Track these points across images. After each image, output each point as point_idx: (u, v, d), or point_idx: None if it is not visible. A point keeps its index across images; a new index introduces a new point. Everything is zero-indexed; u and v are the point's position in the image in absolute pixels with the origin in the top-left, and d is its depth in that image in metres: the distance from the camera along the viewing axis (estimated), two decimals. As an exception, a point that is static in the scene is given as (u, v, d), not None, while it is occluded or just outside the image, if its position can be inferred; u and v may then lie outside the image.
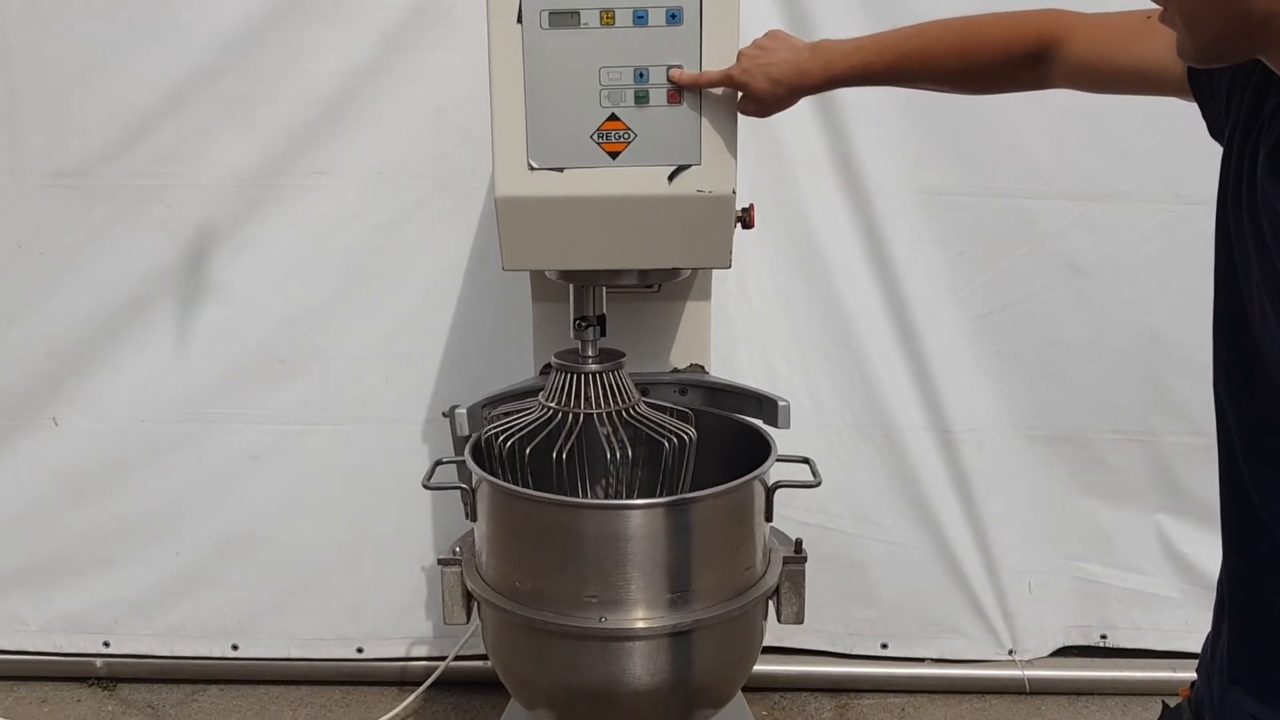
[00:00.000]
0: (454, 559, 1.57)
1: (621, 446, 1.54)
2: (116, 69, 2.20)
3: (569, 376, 1.57)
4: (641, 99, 1.41)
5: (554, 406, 1.56)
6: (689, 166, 1.43)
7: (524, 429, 1.55)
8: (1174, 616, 2.44)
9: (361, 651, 2.49)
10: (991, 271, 2.29)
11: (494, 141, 1.43)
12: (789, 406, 1.65)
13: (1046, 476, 2.41)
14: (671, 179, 1.44)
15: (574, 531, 1.44)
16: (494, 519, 1.51)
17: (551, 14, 1.39)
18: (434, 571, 2.43)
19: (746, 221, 1.56)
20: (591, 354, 1.60)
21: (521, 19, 1.39)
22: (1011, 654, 2.47)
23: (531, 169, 1.43)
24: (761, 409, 1.70)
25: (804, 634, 2.47)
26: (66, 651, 2.51)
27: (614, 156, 1.43)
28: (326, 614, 2.47)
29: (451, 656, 2.42)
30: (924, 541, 2.41)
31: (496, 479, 1.49)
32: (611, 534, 1.42)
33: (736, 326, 2.31)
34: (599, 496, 1.76)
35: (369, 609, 2.47)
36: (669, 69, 1.41)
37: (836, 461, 2.35)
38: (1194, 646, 1.07)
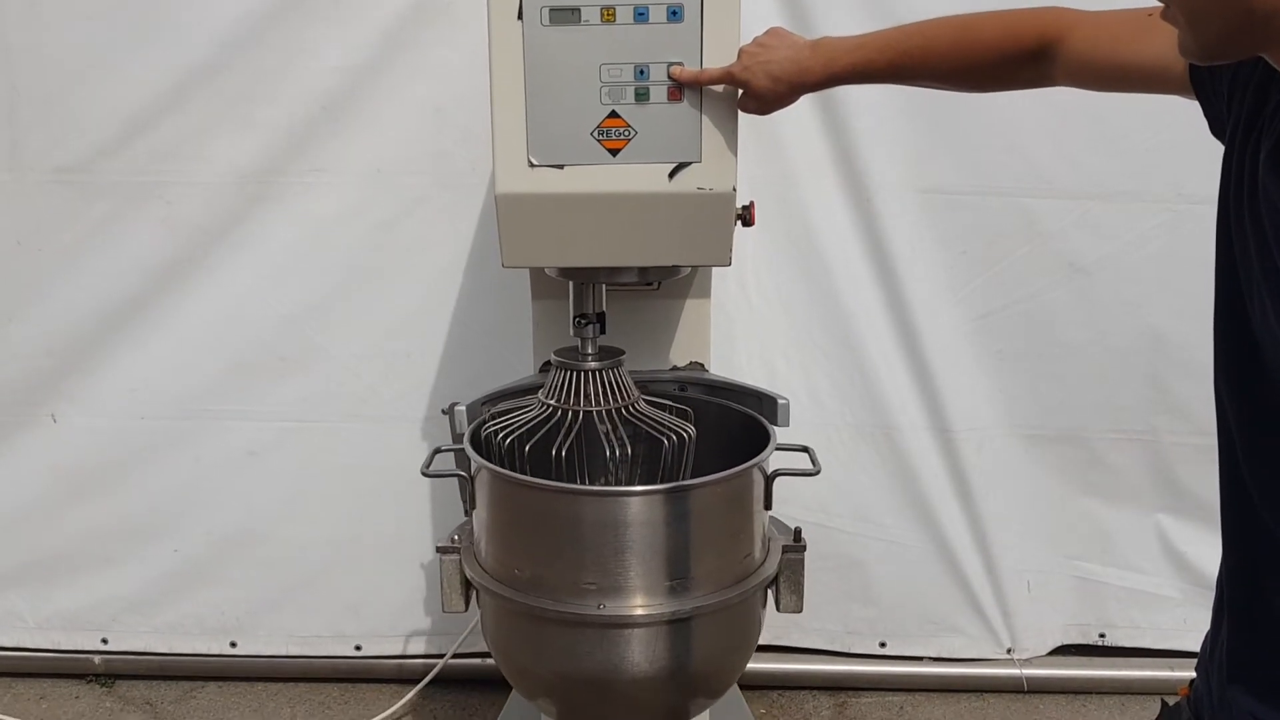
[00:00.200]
0: (453, 547, 1.56)
1: (621, 444, 1.54)
2: (117, 66, 2.20)
3: (568, 374, 1.57)
4: (642, 96, 1.41)
5: (553, 404, 1.56)
6: (689, 164, 1.43)
7: (523, 426, 1.55)
8: (1173, 615, 2.44)
9: (360, 649, 2.49)
10: (992, 271, 2.29)
11: (494, 138, 1.43)
12: (789, 404, 1.65)
13: (1046, 476, 2.41)
14: (672, 176, 1.43)
15: (572, 518, 1.43)
16: (493, 506, 1.50)
17: (552, 11, 1.39)
18: (433, 569, 2.43)
19: (747, 219, 1.56)
20: (591, 351, 1.60)
21: (522, 16, 1.39)
22: (1010, 653, 2.47)
23: (532, 166, 1.43)
24: (761, 407, 1.70)
25: (803, 633, 2.47)
26: (65, 648, 2.51)
27: (614, 153, 1.43)
28: (325, 611, 2.48)
29: (450, 654, 2.42)
30: (923, 540, 2.41)
31: (495, 465, 1.48)
32: (610, 521, 1.41)
33: (736, 325, 2.31)
34: (598, 494, 1.75)
35: (368, 607, 2.47)
36: (669, 66, 1.40)
37: (836, 460, 2.35)
38: (1193, 645, 1.07)
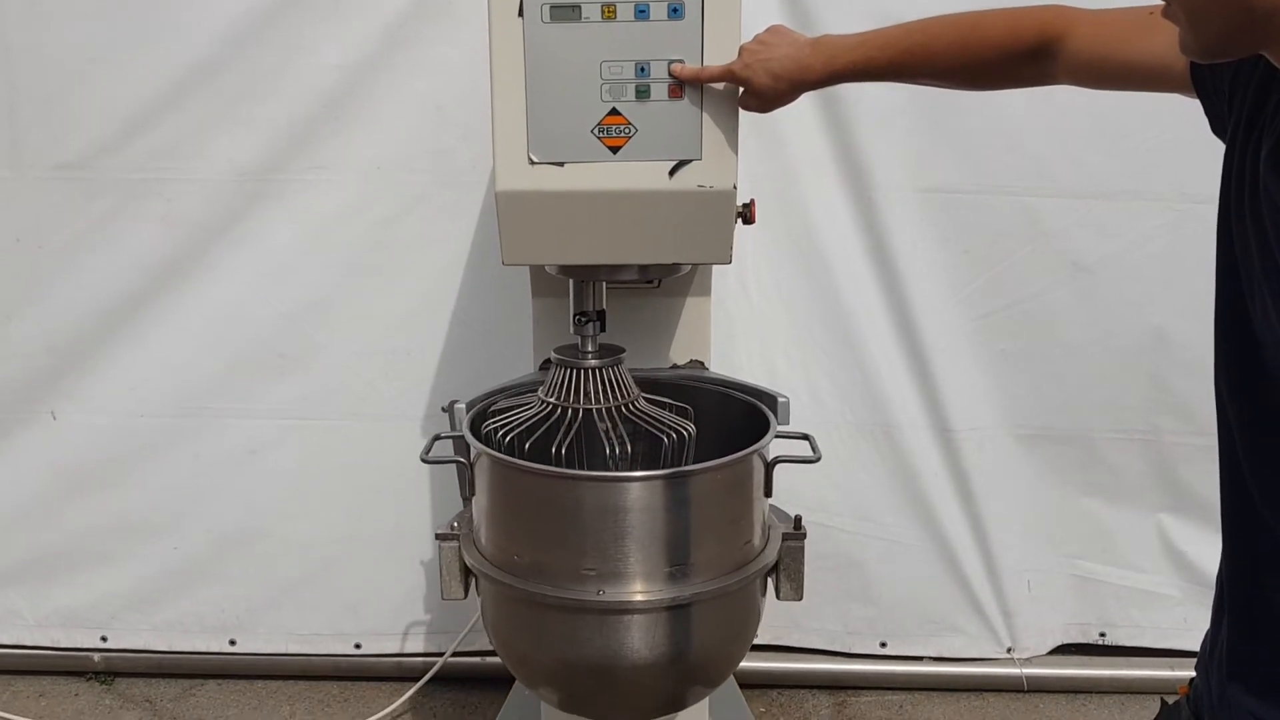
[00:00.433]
0: (452, 534, 1.56)
1: (621, 442, 1.54)
2: (117, 64, 2.20)
3: (568, 372, 1.57)
4: (643, 93, 1.41)
5: (553, 402, 1.56)
6: (690, 161, 1.43)
7: (523, 424, 1.55)
8: (1173, 614, 2.44)
9: (359, 647, 2.49)
10: (994, 270, 2.29)
11: (494, 136, 1.43)
12: (789, 402, 1.64)
13: (1047, 475, 2.41)
14: (672, 174, 1.43)
15: (572, 504, 1.43)
16: (492, 493, 1.50)
17: (553, 8, 1.39)
18: (432, 567, 2.43)
19: (747, 217, 1.55)
20: (591, 349, 1.60)
21: (523, 13, 1.38)
22: (1010, 652, 2.47)
23: (532, 163, 1.42)
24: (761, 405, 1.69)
25: (803, 632, 2.47)
26: (64, 646, 2.51)
27: (615, 151, 1.42)
28: (325, 609, 2.48)
29: (449, 652, 2.42)
30: (923, 540, 2.41)
31: (495, 451, 1.48)
32: (610, 506, 1.41)
33: (736, 323, 2.31)
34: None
35: (367, 605, 2.47)
36: (670, 63, 1.40)
37: (836, 459, 2.35)
38: (1193, 644, 1.07)
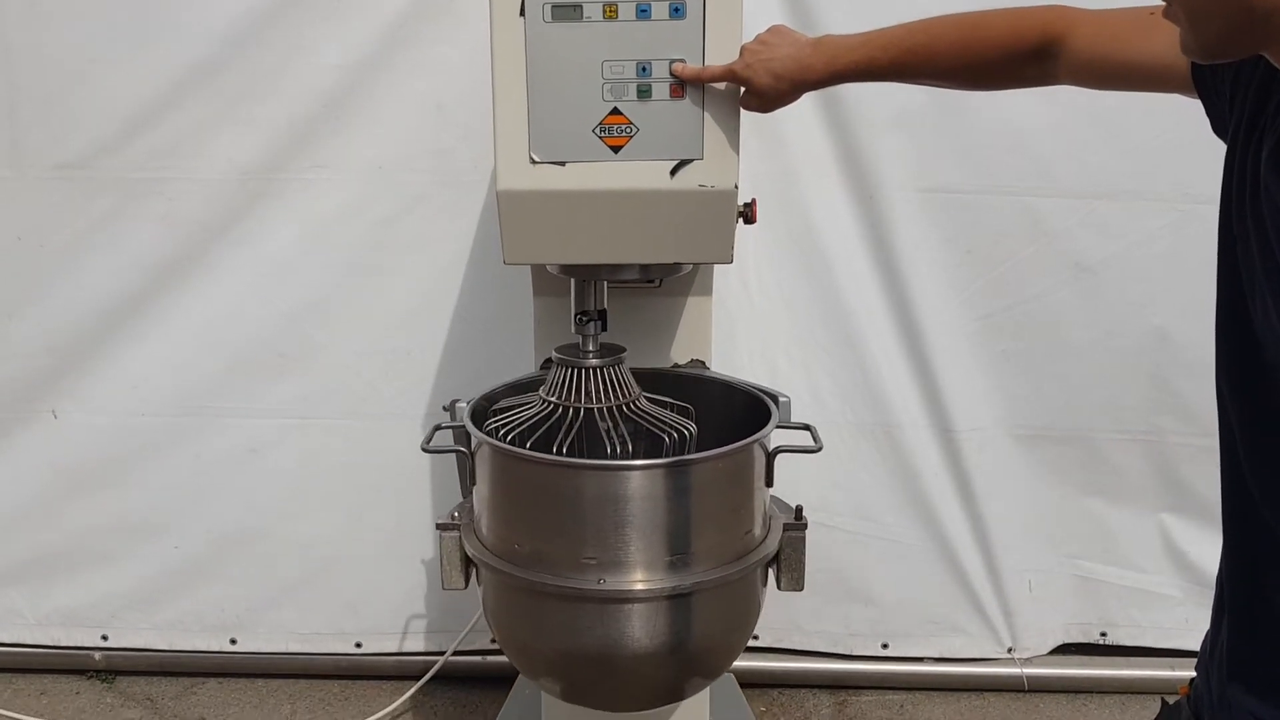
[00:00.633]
0: (452, 524, 1.56)
1: (622, 441, 1.54)
2: (117, 63, 2.20)
3: (569, 371, 1.57)
4: (644, 93, 1.41)
5: (555, 401, 1.56)
6: (691, 161, 1.43)
7: (525, 423, 1.55)
8: (1174, 614, 2.44)
9: (360, 646, 2.49)
10: (997, 270, 2.29)
11: (496, 135, 1.42)
12: (790, 402, 1.64)
13: (1049, 476, 2.41)
14: (673, 174, 1.43)
15: (573, 493, 1.42)
16: (493, 482, 1.50)
17: (554, 7, 1.39)
18: (433, 566, 2.43)
19: (749, 217, 1.55)
20: (592, 349, 1.60)
21: (524, 12, 1.38)
22: (1010, 652, 2.47)
23: (533, 163, 1.42)
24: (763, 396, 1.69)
25: (804, 635, 2.47)
26: (65, 645, 2.51)
27: (616, 150, 1.42)
28: (325, 608, 2.48)
29: (450, 651, 2.42)
30: (924, 540, 2.41)
31: (495, 440, 1.48)
32: (611, 495, 1.40)
33: (738, 322, 2.31)
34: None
35: (368, 604, 2.48)
36: (672, 63, 1.40)
37: (837, 459, 2.35)
38: (1194, 644, 1.07)
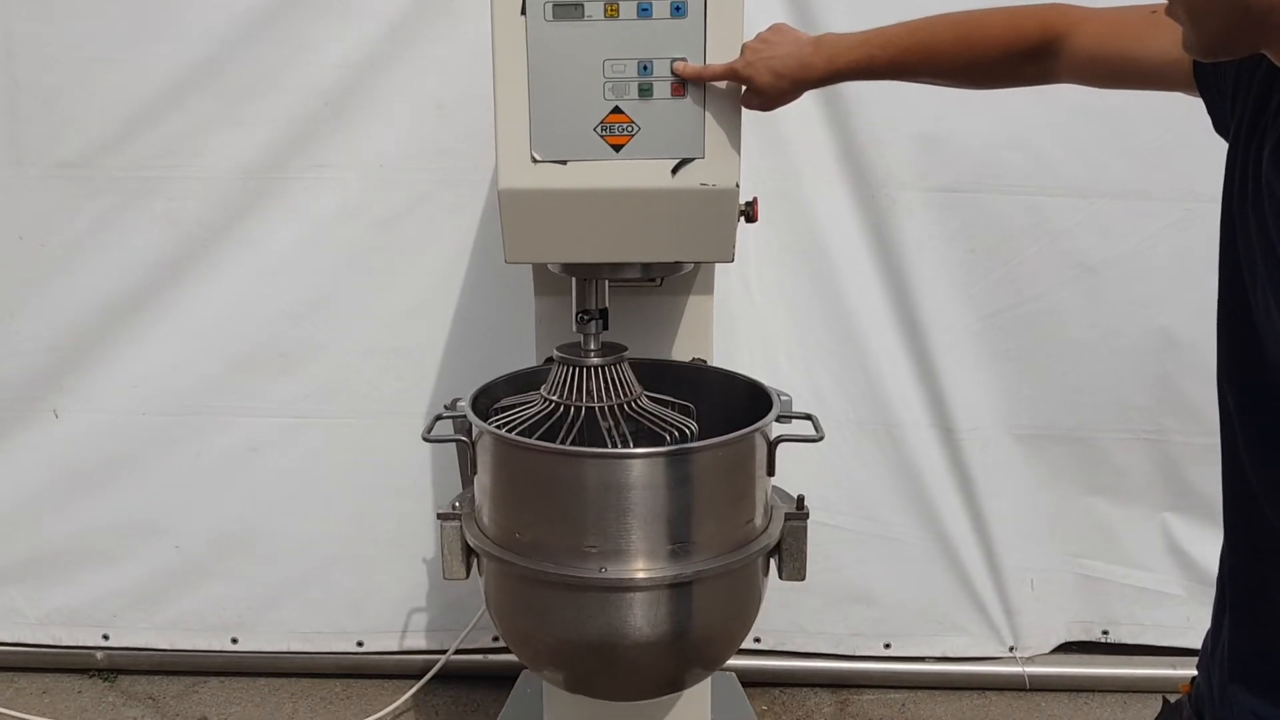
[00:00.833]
0: (453, 514, 1.56)
1: (623, 440, 1.54)
2: (119, 62, 2.20)
3: (571, 370, 1.57)
4: (645, 92, 1.41)
5: (556, 400, 1.56)
6: (692, 160, 1.43)
7: (526, 422, 1.55)
8: (1176, 613, 2.44)
9: (362, 645, 2.49)
10: (1001, 270, 2.28)
11: (497, 134, 1.43)
12: (791, 401, 1.64)
13: (1051, 475, 2.41)
14: (675, 172, 1.43)
15: (574, 481, 1.42)
16: (494, 471, 1.50)
17: (555, 6, 1.39)
18: (434, 565, 2.43)
19: (750, 215, 1.55)
20: (594, 348, 1.60)
21: (525, 11, 1.39)
22: (1012, 651, 2.47)
23: (535, 162, 1.42)
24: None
25: (807, 636, 2.47)
26: (66, 644, 2.51)
27: (617, 149, 1.42)
28: (327, 607, 2.48)
29: (452, 650, 2.42)
30: (926, 539, 2.41)
31: (496, 429, 1.48)
32: (612, 484, 1.40)
33: (739, 321, 2.31)
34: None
35: (369, 603, 2.48)
36: (673, 62, 1.40)
37: (838, 458, 2.35)
38: (1196, 643, 1.07)
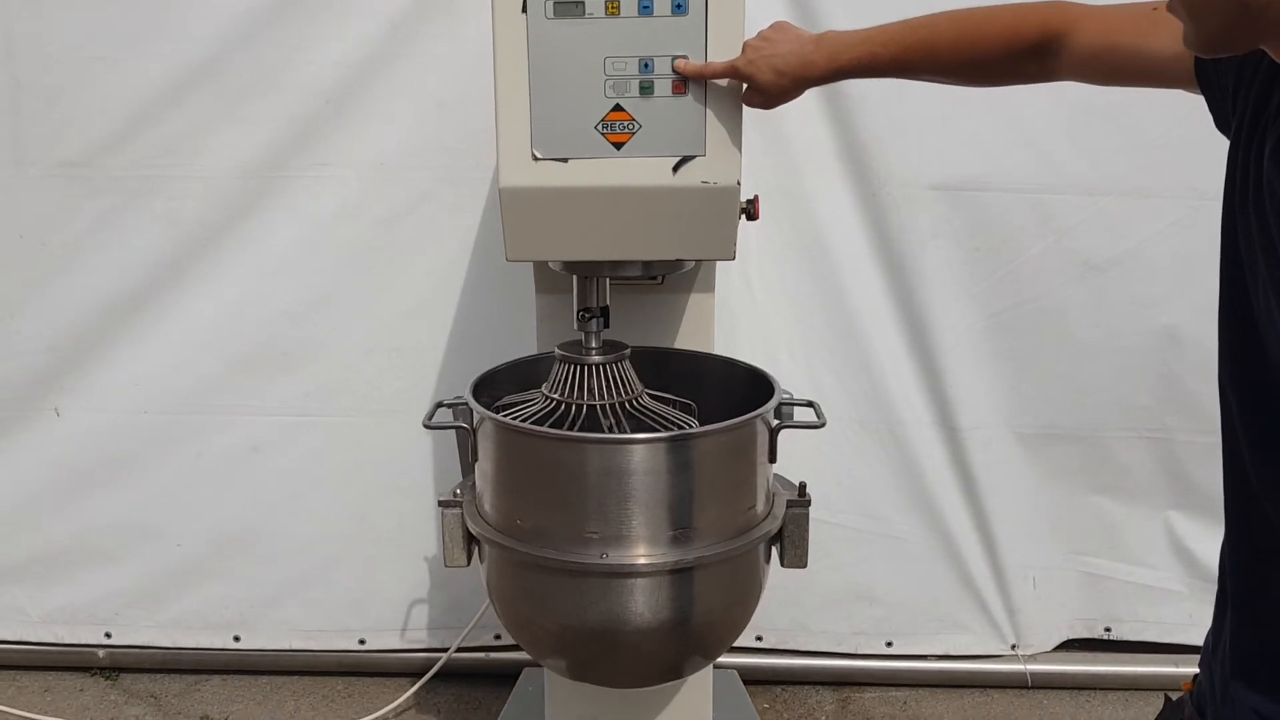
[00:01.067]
0: (454, 501, 1.56)
1: (624, 438, 1.54)
2: (119, 61, 2.20)
3: (572, 368, 1.57)
4: (646, 90, 1.41)
5: (557, 398, 1.56)
6: (694, 158, 1.43)
7: (527, 420, 1.55)
8: (1179, 610, 2.44)
9: (364, 643, 2.50)
10: (1005, 268, 2.28)
11: (498, 132, 1.43)
12: (791, 398, 1.64)
13: (1053, 473, 2.40)
14: (676, 170, 1.43)
15: (576, 467, 1.42)
16: (495, 457, 1.50)
17: (556, 4, 1.38)
18: (436, 564, 2.44)
19: (751, 213, 1.55)
20: (595, 346, 1.60)
21: (526, 9, 1.38)
22: (1014, 648, 2.47)
23: (536, 159, 1.43)
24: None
25: (809, 635, 2.47)
26: (68, 642, 2.51)
27: (618, 147, 1.42)
28: (328, 606, 2.48)
29: (454, 648, 2.42)
30: (928, 537, 2.41)
31: (498, 415, 1.48)
32: (613, 469, 1.40)
33: (740, 319, 2.30)
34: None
35: (371, 601, 2.48)
36: (674, 60, 1.40)
37: (840, 457, 2.35)
38: (1198, 640, 1.07)
